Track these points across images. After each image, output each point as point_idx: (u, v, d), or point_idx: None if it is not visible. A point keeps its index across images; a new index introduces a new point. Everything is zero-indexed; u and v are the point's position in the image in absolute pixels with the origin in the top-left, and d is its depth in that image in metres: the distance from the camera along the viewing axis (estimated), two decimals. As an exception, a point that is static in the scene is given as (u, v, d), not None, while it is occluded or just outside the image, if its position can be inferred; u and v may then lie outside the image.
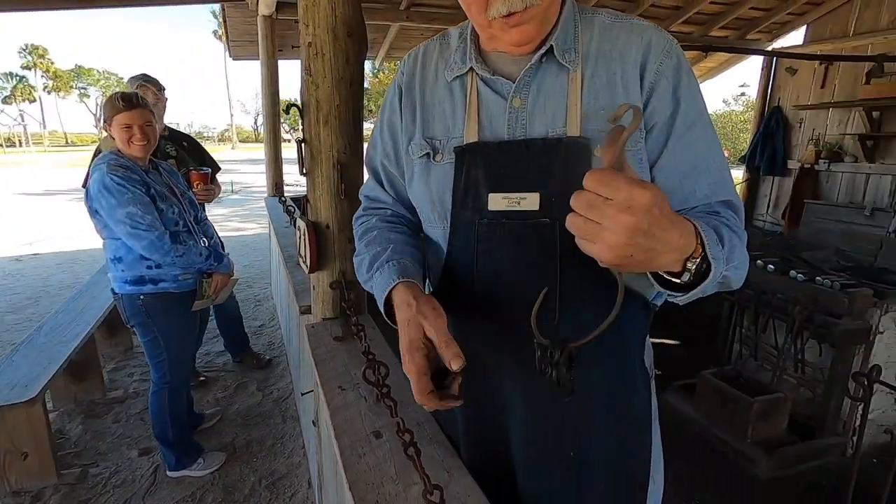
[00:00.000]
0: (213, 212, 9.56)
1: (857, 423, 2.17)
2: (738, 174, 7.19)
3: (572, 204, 0.49)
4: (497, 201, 0.72)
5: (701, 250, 0.56)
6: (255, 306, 4.22)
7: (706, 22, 5.80)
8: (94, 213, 1.77)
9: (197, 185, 2.45)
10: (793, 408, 2.30)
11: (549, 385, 0.60)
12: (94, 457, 2.24)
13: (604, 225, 0.47)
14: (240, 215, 9.39)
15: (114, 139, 1.77)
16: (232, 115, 54.51)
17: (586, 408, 0.80)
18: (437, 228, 0.80)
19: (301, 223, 1.38)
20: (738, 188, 6.10)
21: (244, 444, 2.31)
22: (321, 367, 1.17)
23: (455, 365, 0.63)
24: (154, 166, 1.92)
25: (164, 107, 2.38)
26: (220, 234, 2.35)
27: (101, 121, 1.79)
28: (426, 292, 0.74)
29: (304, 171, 1.36)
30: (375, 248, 0.80)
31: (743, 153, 7.05)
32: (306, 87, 1.29)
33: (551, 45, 0.69)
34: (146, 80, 2.29)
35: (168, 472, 2.09)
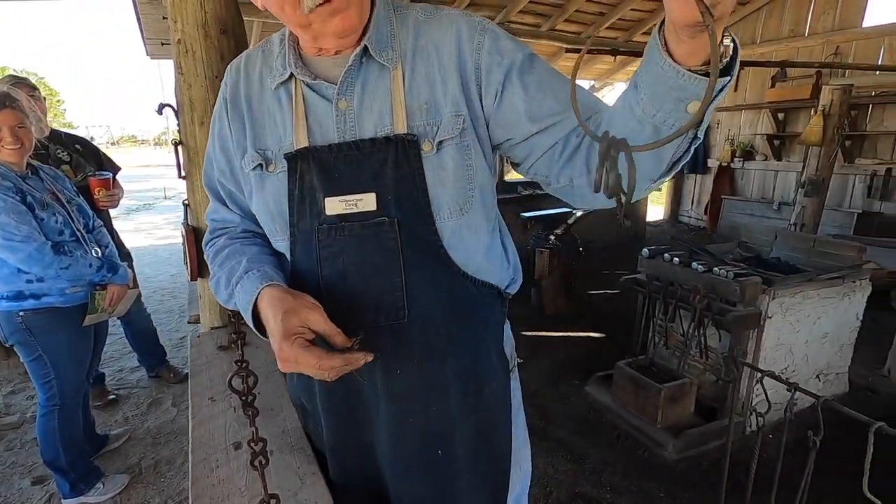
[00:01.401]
0: (142, 219, 9.05)
1: (754, 403, 2.33)
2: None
3: None
4: (334, 205, 0.72)
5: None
6: (179, 318, 4.01)
7: (630, 27, 6.08)
8: (-42, 223, 1.62)
9: (98, 191, 2.30)
10: (699, 391, 2.44)
11: (606, 185, 0.46)
12: (-21, 490, 2.05)
13: None
14: (172, 223, 8.91)
15: (-20, 143, 1.62)
16: (167, 118, 51.76)
17: (444, 402, 0.80)
18: (280, 240, 0.78)
19: (181, 228, 1.32)
20: (664, 186, 6.34)
21: (152, 465, 2.18)
22: (195, 378, 1.12)
23: (348, 342, 0.66)
24: (34, 171, 1.78)
25: (44, 109, 2.21)
26: (149, 242, 2.21)
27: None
28: None
29: (182, 175, 1.31)
30: (230, 265, 0.77)
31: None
32: (179, 87, 1.24)
33: (366, 45, 0.69)
34: (16, 81, 2.11)
35: (63, 501, 1.94)
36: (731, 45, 0.47)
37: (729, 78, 0.48)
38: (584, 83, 8.01)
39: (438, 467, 0.82)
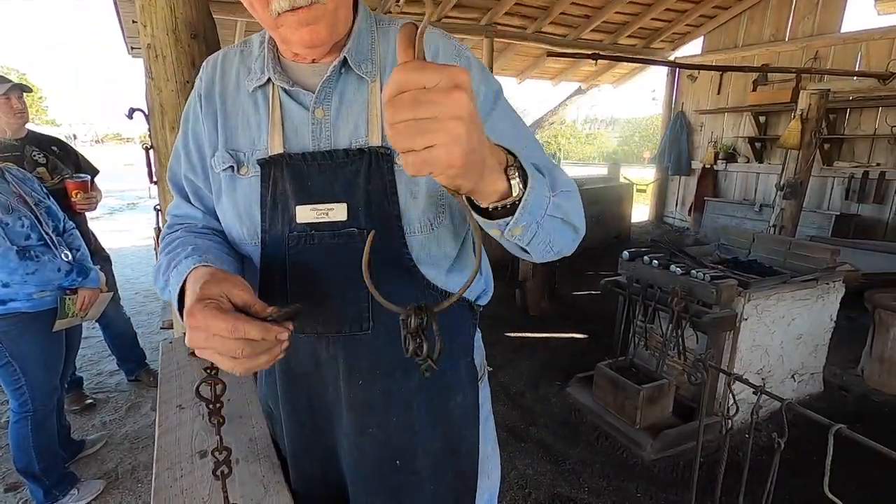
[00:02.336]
0: (126, 219, 8.91)
1: (730, 403, 2.36)
2: (653, 174, 7.71)
3: (392, 115, 0.40)
4: (305, 213, 0.71)
5: (513, 159, 0.53)
6: (160, 320, 3.95)
7: (615, 31, 6.14)
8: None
9: (76, 194, 2.26)
10: (678, 392, 2.48)
11: (410, 353, 0.51)
12: (-50, 498, 2.01)
13: (439, 117, 0.39)
14: (156, 223, 8.79)
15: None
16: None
17: (409, 415, 0.80)
18: (247, 245, 0.77)
19: (152, 233, 1.30)
20: (649, 187, 6.41)
21: (129, 470, 2.15)
22: (164, 385, 1.11)
23: (268, 309, 0.59)
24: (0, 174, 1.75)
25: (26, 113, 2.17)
26: (132, 242, 2.17)
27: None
28: None
29: (154, 180, 1.30)
30: (175, 251, 0.71)
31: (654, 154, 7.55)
32: (150, 92, 1.22)
33: (345, 57, 0.69)
34: (12, 87, 2.06)
35: (36, 508, 1.91)
36: (519, 185, 0.53)
37: (506, 221, 0.54)
38: (570, 85, 8.05)
39: (398, 478, 0.81)
